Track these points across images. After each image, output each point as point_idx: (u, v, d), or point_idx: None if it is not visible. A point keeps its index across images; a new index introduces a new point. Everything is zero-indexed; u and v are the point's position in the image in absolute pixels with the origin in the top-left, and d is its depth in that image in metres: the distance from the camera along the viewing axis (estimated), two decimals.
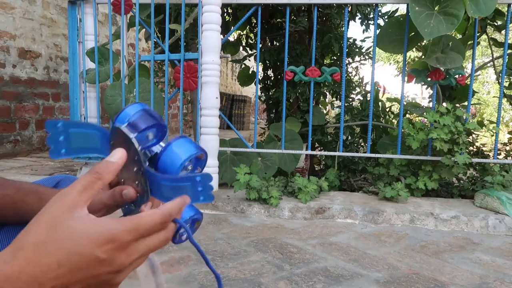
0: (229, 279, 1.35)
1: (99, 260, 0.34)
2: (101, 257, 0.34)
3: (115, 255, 0.35)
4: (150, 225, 0.37)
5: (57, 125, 0.43)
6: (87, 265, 0.34)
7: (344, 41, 2.44)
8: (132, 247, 0.36)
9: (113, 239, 0.34)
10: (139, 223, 0.36)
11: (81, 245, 0.34)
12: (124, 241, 0.35)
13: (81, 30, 2.55)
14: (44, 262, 0.33)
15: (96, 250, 0.34)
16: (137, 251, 0.36)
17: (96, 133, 0.44)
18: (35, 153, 3.71)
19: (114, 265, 0.35)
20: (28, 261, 0.33)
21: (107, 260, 0.34)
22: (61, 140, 0.43)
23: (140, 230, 0.36)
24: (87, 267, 0.34)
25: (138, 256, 0.37)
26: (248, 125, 7.68)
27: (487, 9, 2.05)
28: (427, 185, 2.32)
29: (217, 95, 2.34)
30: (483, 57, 10.78)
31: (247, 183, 2.15)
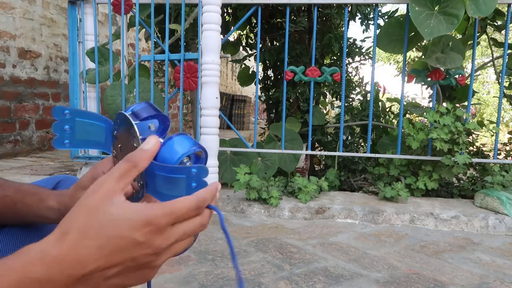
0: (229, 279, 1.35)
1: (137, 243, 0.36)
2: (139, 240, 0.36)
3: (152, 238, 0.36)
4: (185, 210, 0.38)
5: (64, 111, 0.43)
6: (126, 248, 0.36)
7: (344, 41, 2.44)
8: (168, 231, 0.37)
9: (150, 223, 0.36)
10: (174, 207, 0.38)
11: (121, 229, 0.36)
12: (160, 225, 0.37)
13: (81, 30, 2.55)
14: (87, 245, 0.35)
15: (134, 233, 0.36)
16: (173, 235, 0.38)
17: (102, 126, 0.45)
18: (35, 153, 3.71)
19: (152, 248, 0.37)
20: (73, 244, 0.35)
21: (145, 243, 0.36)
22: (66, 129, 0.43)
23: (175, 214, 0.38)
24: (126, 249, 0.36)
25: (175, 240, 0.38)
26: (248, 125, 7.68)
27: (487, 9, 2.05)
28: (427, 185, 2.32)
29: (217, 95, 2.34)
30: (483, 57, 10.78)
31: (247, 183, 2.15)
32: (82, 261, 0.35)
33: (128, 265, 0.36)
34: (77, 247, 0.35)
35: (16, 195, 0.55)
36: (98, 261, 0.35)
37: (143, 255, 0.36)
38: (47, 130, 3.87)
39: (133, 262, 0.36)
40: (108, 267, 0.36)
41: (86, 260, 0.35)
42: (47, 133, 3.87)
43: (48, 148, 3.89)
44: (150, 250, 0.37)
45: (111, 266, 0.36)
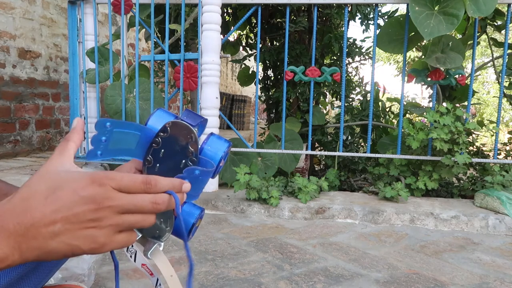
0: (229, 279, 1.35)
1: (80, 197, 0.38)
2: (81, 194, 0.38)
3: (94, 193, 0.38)
4: (128, 179, 0.40)
5: (106, 124, 0.45)
6: (69, 200, 0.38)
7: (344, 41, 2.44)
8: (112, 193, 0.39)
9: (93, 180, 0.38)
10: (120, 175, 0.40)
11: (66, 183, 0.39)
12: (103, 184, 0.38)
13: (81, 30, 2.55)
14: (35, 196, 0.38)
15: (77, 187, 0.38)
16: (118, 198, 0.39)
17: (137, 134, 0.47)
18: (35, 153, 3.71)
19: (95, 203, 0.38)
20: (22, 196, 0.39)
21: (87, 197, 0.38)
22: (102, 140, 0.45)
23: (119, 180, 0.39)
24: (69, 202, 0.38)
25: (121, 206, 0.39)
26: (248, 125, 7.68)
27: (487, 9, 2.05)
28: (427, 185, 2.32)
29: (217, 95, 2.34)
30: (483, 57, 10.78)
31: (247, 183, 2.15)
32: (28, 209, 0.37)
33: (72, 219, 0.37)
34: (25, 198, 0.38)
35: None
36: (44, 210, 0.37)
37: (87, 211, 0.38)
38: (47, 130, 3.87)
39: (76, 218, 0.38)
40: (53, 220, 0.37)
41: (32, 208, 0.37)
42: (47, 133, 3.87)
43: (48, 148, 3.89)
44: (93, 206, 0.38)
45: (56, 219, 0.37)
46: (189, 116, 0.49)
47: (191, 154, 0.47)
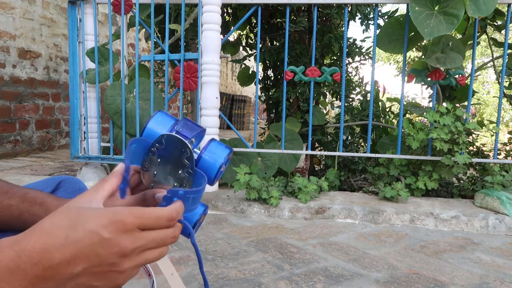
0: (229, 279, 1.35)
1: (103, 239, 0.36)
2: (104, 236, 0.36)
3: (118, 236, 0.36)
4: (154, 216, 0.39)
5: (131, 144, 0.47)
6: (92, 242, 0.36)
7: (344, 41, 2.44)
8: (135, 233, 0.38)
9: (117, 221, 0.37)
10: (145, 211, 0.39)
11: (88, 223, 0.36)
12: (127, 224, 0.37)
13: (81, 30, 2.55)
14: (55, 235, 0.36)
15: (100, 228, 0.36)
16: (141, 238, 0.38)
17: (136, 147, 0.48)
18: (35, 153, 3.71)
19: (118, 247, 0.37)
20: (42, 234, 0.36)
21: (111, 240, 0.36)
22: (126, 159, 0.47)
23: (144, 218, 0.38)
24: (92, 244, 0.36)
25: (143, 245, 0.38)
26: (248, 125, 7.68)
27: (487, 9, 2.05)
28: (427, 185, 2.32)
29: (217, 95, 2.34)
30: (483, 57, 10.78)
31: (247, 183, 2.15)
32: (48, 250, 0.35)
33: (93, 262, 0.36)
34: (46, 237, 0.36)
35: (22, 205, 0.56)
36: (64, 252, 0.35)
37: (109, 254, 0.36)
38: (47, 130, 3.87)
39: (98, 260, 0.36)
40: (73, 262, 0.36)
41: (52, 249, 0.35)
42: (47, 133, 3.87)
43: (48, 148, 3.89)
44: (116, 249, 0.36)
45: (77, 261, 0.36)
46: (185, 126, 0.49)
47: (186, 167, 0.48)
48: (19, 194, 0.57)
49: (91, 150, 2.57)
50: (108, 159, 2.52)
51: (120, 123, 2.46)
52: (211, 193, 2.32)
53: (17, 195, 0.57)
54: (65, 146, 4.09)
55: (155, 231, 0.39)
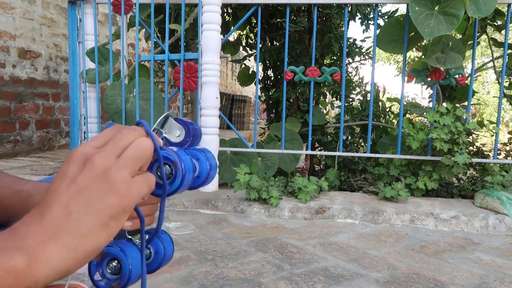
0: (229, 279, 1.35)
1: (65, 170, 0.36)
2: (71, 161, 0.36)
3: (78, 159, 0.36)
4: (102, 133, 0.39)
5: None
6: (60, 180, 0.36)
7: (344, 41, 2.44)
8: (95, 151, 0.37)
9: (72, 154, 0.37)
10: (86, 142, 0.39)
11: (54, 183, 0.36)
12: (81, 149, 0.37)
13: (81, 30, 2.55)
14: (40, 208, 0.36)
15: (63, 168, 0.37)
16: (102, 150, 0.37)
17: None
18: (35, 153, 3.71)
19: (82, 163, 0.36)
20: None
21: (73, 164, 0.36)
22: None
23: (93, 140, 0.38)
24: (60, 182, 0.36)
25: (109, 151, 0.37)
26: (248, 125, 7.68)
27: (487, 9, 2.05)
28: (427, 185, 2.32)
29: (217, 95, 2.34)
30: (483, 57, 10.78)
31: (247, 183, 2.15)
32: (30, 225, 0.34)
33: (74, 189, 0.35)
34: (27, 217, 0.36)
35: (34, 189, 0.56)
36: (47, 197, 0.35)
37: (86, 172, 0.35)
38: (47, 130, 3.87)
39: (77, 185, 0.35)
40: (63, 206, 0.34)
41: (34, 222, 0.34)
42: (47, 133, 3.87)
43: (48, 148, 3.89)
44: (82, 165, 0.36)
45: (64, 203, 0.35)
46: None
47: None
48: (32, 182, 0.58)
49: None
50: None
51: (120, 123, 2.46)
52: (211, 193, 2.32)
53: (30, 183, 0.57)
54: (65, 146, 4.09)
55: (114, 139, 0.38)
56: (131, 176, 0.37)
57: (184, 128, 0.48)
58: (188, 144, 0.48)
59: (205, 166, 0.48)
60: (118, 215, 0.36)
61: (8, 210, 0.55)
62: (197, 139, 0.49)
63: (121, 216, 0.36)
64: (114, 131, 0.39)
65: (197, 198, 2.22)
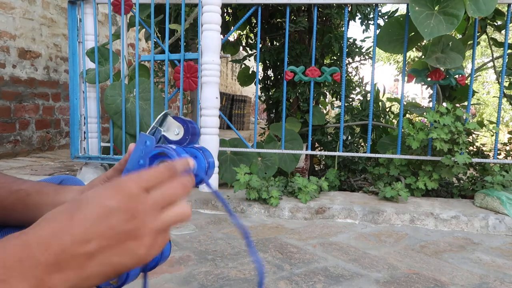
0: (229, 279, 1.35)
1: (109, 208, 0.35)
2: (110, 205, 0.35)
3: (125, 201, 0.36)
4: (153, 173, 0.38)
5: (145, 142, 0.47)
6: (98, 214, 0.35)
7: (344, 41, 2.44)
8: (143, 195, 0.37)
9: (120, 188, 0.36)
10: (141, 172, 0.38)
11: (93, 201, 0.36)
12: (132, 188, 0.36)
13: (81, 30, 2.55)
14: (61, 218, 0.35)
15: (105, 199, 0.35)
16: (150, 198, 0.37)
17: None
18: (35, 153, 3.71)
19: (129, 212, 0.35)
20: (49, 221, 0.35)
21: (119, 208, 0.35)
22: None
23: (144, 177, 0.37)
24: (99, 216, 0.34)
25: (155, 205, 0.37)
26: (248, 125, 7.68)
27: (487, 9, 2.05)
28: (427, 185, 2.32)
29: (217, 95, 2.34)
30: (483, 57, 10.78)
31: (247, 183, 2.15)
32: (56, 233, 0.33)
33: (106, 235, 0.34)
34: (52, 222, 0.34)
35: (32, 188, 0.56)
36: (73, 231, 0.33)
37: (121, 221, 0.35)
38: (47, 130, 3.87)
39: (112, 231, 0.34)
40: (85, 239, 0.34)
41: (60, 232, 0.33)
42: (47, 133, 3.87)
43: (48, 148, 3.89)
44: (128, 215, 0.35)
45: (88, 237, 0.34)
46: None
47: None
48: (31, 182, 0.58)
49: (91, 150, 2.57)
50: (108, 159, 2.52)
51: (120, 123, 2.46)
52: (211, 193, 2.32)
53: (29, 182, 0.57)
54: (65, 146, 4.09)
55: (162, 186, 0.38)
56: (157, 234, 0.37)
57: (182, 126, 0.48)
58: (186, 142, 0.48)
59: (203, 164, 0.48)
60: (130, 269, 0.36)
61: (7, 210, 0.55)
62: (195, 137, 0.49)
63: (132, 269, 0.37)
64: (168, 174, 0.39)
65: (197, 198, 2.22)
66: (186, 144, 0.49)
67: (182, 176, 0.40)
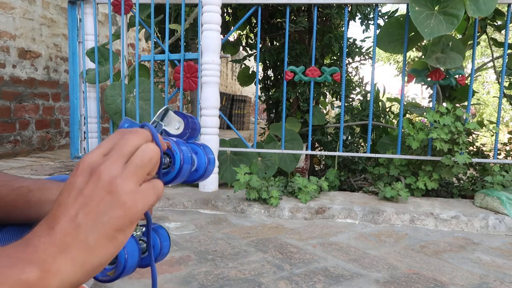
0: (229, 279, 1.35)
1: (74, 179, 0.36)
2: (74, 177, 0.36)
3: (84, 168, 0.36)
4: (108, 139, 0.38)
5: (124, 124, 0.46)
6: (69, 191, 0.35)
7: (344, 41, 2.44)
8: (101, 158, 0.36)
9: (79, 162, 0.37)
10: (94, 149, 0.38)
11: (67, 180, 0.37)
12: (88, 158, 0.36)
13: (81, 30, 2.55)
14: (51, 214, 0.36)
15: (70, 178, 0.36)
16: (109, 157, 0.36)
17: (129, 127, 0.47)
18: (35, 153, 3.71)
19: (87, 172, 0.35)
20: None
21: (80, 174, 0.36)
22: None
23: (100, 146, 0.37)
24: (70, 190, 0.35)
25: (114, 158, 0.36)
26: (248, 125, 7.68)
27: (487, 9, 2.05)
28: (427, 185, 2.32)
29: (217, 95, 2.34)
30: (483, 57, 10.78)
31: (247, 183, 2.15)
32: (49, 222, 0.34)
33: (82, 200, 0.34)
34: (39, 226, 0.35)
35: (34, 185, 0.56)
36: (59, 216, 0.35)
37: (84, 182, 0.35)
38: (47, 130, 3.87)
39: (85, 195, 0.35)
40: (73, 215, 0.34)
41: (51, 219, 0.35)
42: (47, 133, 3.87)
43: (48, 148, 3.89)
44: (86, 175, 0.35)
45: (74, 213, 0.34)
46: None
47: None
48: (33, 179, 0.58)
49: None
50: None
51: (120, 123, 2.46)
52: (211, 193, 2.32)
53: (30, 180, 0.57)
54: (65, 146, 4.09)
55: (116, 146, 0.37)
56: (138, 184, 0.36)
57: (183, 121, 0.48)
58: (187, 137, 0.49)
59: (203, 160, 0.48)
60: (125, 227, 0.35)
61: (9, 207, 0.55)
62: (195, 132, 0.49)
63: (127, 227, 0.36)
64: (119, 136, 0.38)
65: (197, 198, 2.22)
66: (186, 138, 0.49)
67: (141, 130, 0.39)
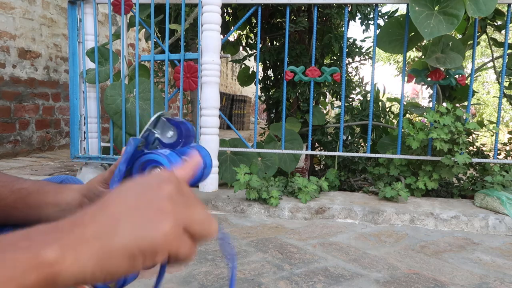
0: (229, 279, 1.35)
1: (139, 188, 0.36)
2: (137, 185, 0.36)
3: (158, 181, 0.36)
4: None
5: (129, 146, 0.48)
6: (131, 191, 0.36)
7: (344, 41, 2.44)
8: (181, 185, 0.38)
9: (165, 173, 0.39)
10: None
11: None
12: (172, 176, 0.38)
13: (81, 30, 2.54)
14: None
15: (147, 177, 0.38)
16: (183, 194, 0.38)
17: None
18: (35, 153, 3.71)
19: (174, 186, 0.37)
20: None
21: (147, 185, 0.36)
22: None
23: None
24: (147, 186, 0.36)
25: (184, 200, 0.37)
26: (248, 125, 7.68)
27: (487, 9, 2.05)
28: (427, 185, 2.32)
29: (217, 95, 2.34)
30: (483, 57, 10.78)
31: (247, 183, 2.15)
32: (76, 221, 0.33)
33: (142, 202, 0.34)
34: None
35: (33, 187, 0.56)
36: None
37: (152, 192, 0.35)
38: (47, 130, 3.87)
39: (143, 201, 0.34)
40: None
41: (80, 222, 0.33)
42: (47, 133, 3.87)
43: (48, 148, 3.89)
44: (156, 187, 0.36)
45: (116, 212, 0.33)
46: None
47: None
48: (32, 180, 0.58)
49: (91, 150, 2.57)
50: (108, 159, 2.52)
51: (120, 123, 2.46)
52: (211, 193, 2.32)
53: (30, 181, 0.57)
54: (65, 146, 4.09)
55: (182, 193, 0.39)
56: (184, 232, 0.36)
57: (176, 129, 0.48)
58: (181, 145, 0.48)
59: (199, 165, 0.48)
60: (148, 254, 0.33)
61: (8, 209, 0.55)
62: (190, 139, 0.49)
63: (149, 256, 0.33)
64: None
65: None
66: (180, 146, 0.48)
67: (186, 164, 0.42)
